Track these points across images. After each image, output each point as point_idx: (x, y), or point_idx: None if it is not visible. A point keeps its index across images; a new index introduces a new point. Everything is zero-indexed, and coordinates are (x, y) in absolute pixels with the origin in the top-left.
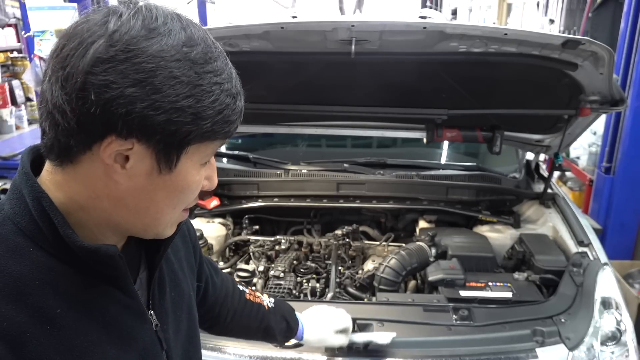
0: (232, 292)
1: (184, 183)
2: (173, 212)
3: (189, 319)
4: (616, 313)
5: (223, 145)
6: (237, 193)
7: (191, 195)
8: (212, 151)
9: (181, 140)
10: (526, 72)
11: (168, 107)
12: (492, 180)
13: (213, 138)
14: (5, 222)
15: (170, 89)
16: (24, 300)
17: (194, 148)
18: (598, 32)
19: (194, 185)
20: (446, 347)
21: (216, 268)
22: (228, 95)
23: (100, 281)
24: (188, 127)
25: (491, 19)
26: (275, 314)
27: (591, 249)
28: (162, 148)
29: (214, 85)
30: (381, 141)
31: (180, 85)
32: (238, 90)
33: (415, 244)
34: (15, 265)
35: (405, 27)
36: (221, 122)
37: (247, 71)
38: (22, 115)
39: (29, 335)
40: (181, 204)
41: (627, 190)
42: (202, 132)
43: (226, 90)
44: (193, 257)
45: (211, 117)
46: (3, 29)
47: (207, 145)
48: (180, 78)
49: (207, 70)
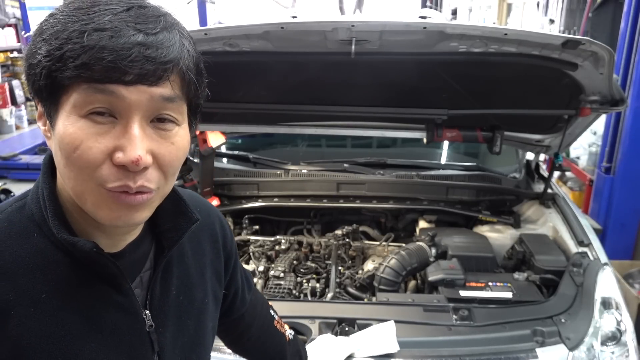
0: (263, 315)
1: (60, 136)
2: (77, 180)
3: (198, 327)
4: (616, 313)
5: (223, 145)
6: (237, 193)
7: (79, 157)
8: (84, 99)
9: (42, 85)
10: (526, 72)
11: (27, 54)
12: (492, 180)
13: (66, 80)
14: (25, 207)
15: (34, 38)
16: (15, 280)
17: (65, 98)
18: (598, 32)
19: (70, 140)
20: (446, 347)
21: (251, 285)
22: (75, 32)
23: (92, 275)
24: (37, 70)
25: (491, 19)
26: (292, 347)
27: (591, 249)
28: (43, 99)
29: (65, 24)
30: (381, 141)
31: (42, 32)
32: (96, 27)
33: (415, 244)
34: (16, 247)
35: (405, 27)
36: (65, 58)
37: (247, 71)
38: (22, 115)
39: (13, 313)
40: (75, 168)
41: (627, 190)
42: (50, 73)
43: (77, 27)
44: (223, 266)
45: (51, 53)
46: (3, 29)
47: (73, 91)
48: (43, 27)
49: (72, 14)
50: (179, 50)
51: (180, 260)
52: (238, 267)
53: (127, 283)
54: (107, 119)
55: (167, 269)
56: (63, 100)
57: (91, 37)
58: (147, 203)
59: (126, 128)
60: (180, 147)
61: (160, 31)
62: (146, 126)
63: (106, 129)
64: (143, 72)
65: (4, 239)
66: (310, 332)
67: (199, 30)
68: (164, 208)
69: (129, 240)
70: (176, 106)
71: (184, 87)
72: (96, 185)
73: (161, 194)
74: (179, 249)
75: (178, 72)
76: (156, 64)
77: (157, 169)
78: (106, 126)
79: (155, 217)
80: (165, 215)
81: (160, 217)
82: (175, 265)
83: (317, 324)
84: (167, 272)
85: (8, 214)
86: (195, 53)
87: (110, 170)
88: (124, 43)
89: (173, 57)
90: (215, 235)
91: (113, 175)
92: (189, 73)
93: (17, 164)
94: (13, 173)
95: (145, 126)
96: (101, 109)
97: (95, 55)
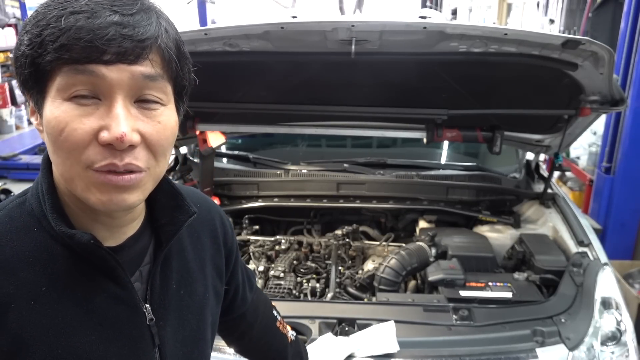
0: (265, 315)
1: (46, 122)
2: (66, 165)
3: (199, 321)
4: (616, 313)
5: (223, 145)
6: (237, 193)
7: (65, 139)
8: (67, 82)
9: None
10: (526, 72)
11: (15, 49)
12: (492, 180)
13: (47, 64)
14: (25, 202)
15: (20, 32)
16: (15, 273)
17: (49, 84)
18: (598, 32)
19: (55, 124)
20: (446, 347)
21: (253, 285)
22: (53, 17)
23: (92, 268)
24: (21, 61)
25: (491, 19)
26: (294, 348)
27: (591, 249)
28: (30, 90)
29: (45, 13)
30: (381, 141)
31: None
32: (73, 11)
33: (415, 244)
34: (17, 241)
35: (405, 27)
36: (45, 43)
37: (247, 71)
38: (22, 115)
39: (14, 306)
40: (62, 152)
41: (627, 190)
42: (33, 60)
43: (55, 13)
44: (223, 261)
45: (32, 40)
46: (3, 29)
47: (56, 75)
48: (28, 20)
49: (49, 4)
50: (156, 29)
51: (180, 254)
52: (239, 264)
53: (126, 276)
54: (91, 100)
55: (167, 263)
56: (48, 87)
57: (68, 19)
58: (138, 184)
59: (110, 108)
60: (168, 126)
61: (137, 12)
62: (130, 106)
63: (90, 110)
64: (122, 50)
65: (5, 234)
66: (310, 332)
67: (199, 30)
68: (161, 202)
69: (129, 234)
70: (159, 85)
71: (164, 66)
72: (83, 168)
73: (153, 176)
74: (178, 244)
75: (157, 50)
76: (134, 41)
77: (145, 148)
78: (90, 107)
79: (153, 212)
80: (163, 210)
81: (158, 211)
82: (174, 259)
83: (317, 324)
84: (166, 266)
85: (9, 210)
86: (175, 34)
87: (97, 150)
88: (101, 23)
89: (150, 35)
90: (215, 231)
91: (100, 155)
92: (168, 51)
93: (17, 164)
94: (13, 173)
95: (129, 106)
96: (84, 91)
97: (72, 36)
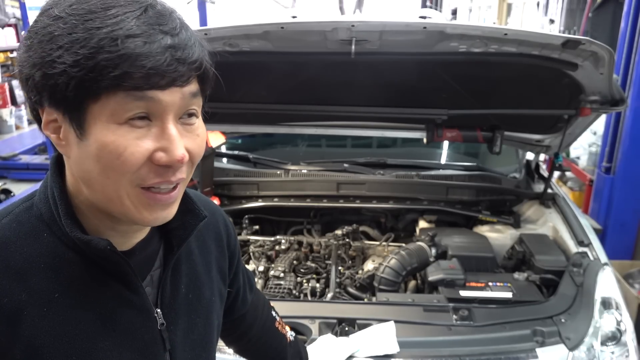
0: (264, 316)
1: (100, 145)
2: (116, 185)
3: (206, 325)
4: (616, 313)
5: (223, 145)
6: (237, 193)
7: (123, 163)
8: (123, 107)
9: (70, 96)
10: (526, 72)
11: (39, 62)
12: (492, 180)
13: (103, 89)
14: (33, 207)
15: (44, 45)
16: (27, 280)
17: (99, 107)
18: (598, 32)
19: (113, 148)
20: (446, 347)
21: (253, 286)
22: (105, 39)
23: (104, 273)
24: (61, 80)
25: (491, 19)
26: (293, 348)
27: (591, 249)
28: (67, 109)
29: (89, 31)
30: (381, 141)
31: (54, 39)
32: (128, 34)
33: (415, 244)
34: (27, 247)
35: (405, 27)
36: (100, 68)
37: (247, 71)
38: (22, 115)
39: (26, 313)
40: (115, 174)
41: (627, 190)
42: (82, 81)
43: (105, 34)
44: (227, 264)
45: (81, 63)
46: (3, 29)
47: (109, 99)
48: (54, 32)
49: (87, 19)
50: (199, 47)
51: (188, 258)
52: (240, 266)
53: (139, 281)
54: (144, 122)
55: (176, 268)
56: (92, 109)
57: (125, 44)
58: (178, 197)
59: (163, 129)
60: (204, 138)
61: (179, 29)
62: (177, 124)
63: (144, 132)
64: (177, 75)
65: (14, 240)
66: (310, 332)
67: (199, 30)
68: None
69: (140, 238)
70: (198, 100)
71: (201, 80)
72: (133, 187)
73: (185, 185)
74: (186, 248)
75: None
76: (186, 64)
77: (188, 161)
78: (143, 129)
79: None
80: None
81: None
82: (183, 263)
83: (317, 324)
84: (176, 270)
85: (16, 215)
86: (205, 45)
87: (150, 169)
88: (157, 48)
89: (198, 57)
90: (219, 234)
91: (152, 173)
92: (208, 67)
93: (17, 164)
94: (13, 173)
95: (176, 124)
96: (140, 114)
97: (134, 64)
